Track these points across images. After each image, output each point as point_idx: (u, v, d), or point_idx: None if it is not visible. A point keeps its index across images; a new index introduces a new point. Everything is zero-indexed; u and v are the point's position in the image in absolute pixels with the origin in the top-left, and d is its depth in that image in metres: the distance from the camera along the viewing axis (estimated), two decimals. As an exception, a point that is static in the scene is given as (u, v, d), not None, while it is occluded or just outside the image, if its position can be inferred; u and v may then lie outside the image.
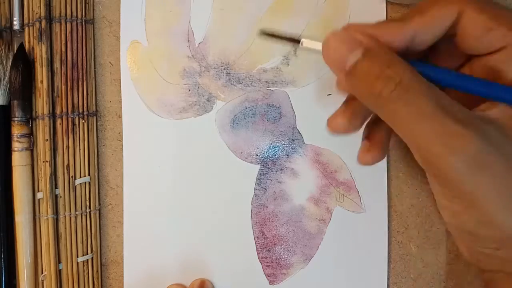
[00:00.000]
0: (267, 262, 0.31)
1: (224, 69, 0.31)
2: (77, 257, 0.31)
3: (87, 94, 0.31)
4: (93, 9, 0.32)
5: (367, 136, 0.24)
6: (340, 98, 0.30)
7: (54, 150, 0.31)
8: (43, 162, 0.30)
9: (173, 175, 0.31)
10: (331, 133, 0.23)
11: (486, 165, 0.17)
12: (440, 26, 0.20)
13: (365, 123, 0.24)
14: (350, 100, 0.23)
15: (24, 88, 0.30)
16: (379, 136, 0.23)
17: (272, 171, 0.31)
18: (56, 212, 0.31)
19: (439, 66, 0.21)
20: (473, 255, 0.21)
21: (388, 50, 0.19)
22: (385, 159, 0.30)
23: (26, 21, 0.31)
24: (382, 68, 0.18)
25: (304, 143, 0.30)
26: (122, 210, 0.32)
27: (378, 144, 0.23)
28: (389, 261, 0.30)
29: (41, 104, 0.30)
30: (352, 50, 0.19)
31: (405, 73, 0.18)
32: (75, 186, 0.31)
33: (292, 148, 0.31)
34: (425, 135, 0.18)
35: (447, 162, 0.17)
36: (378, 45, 0.19)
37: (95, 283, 0.31)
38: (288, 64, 0.31)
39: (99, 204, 0.32)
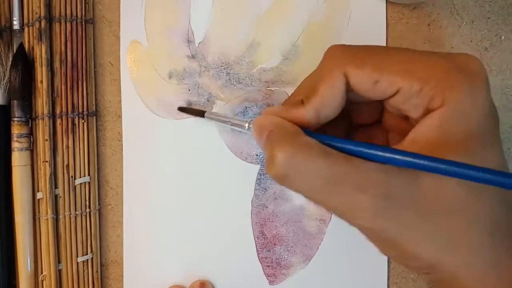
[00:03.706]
0: (267, 262, 0.31)
1: (224, 69, 0.31)
2: (77, 257, 0.31)
3: (87, 94, 0.31)
4: (93, 9, 0.32)
5: None
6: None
7: (54, 150, 0.31)
8: (43, 162, 0.30)
9: (173, 175, 0.31)
10: None
11: (390, 217, 0.18)
12: (336, 97, 0.20)
13: None
14: None
15: (23, 88, 0.30)
16: None
17: (272, 171, 0.31)
18: (56, 212, 0.31)
19: (333, 136, 0.20)
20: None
21: (285, 130, 0.20)
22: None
23: (26, 21, 0.31)
24: (278, 147, 0.19)
25: (304, 143, 0.30)
26: (122, 210, 0.32)
27: None
28: (389, 261, 0.30)
29: (41, 104, 0.30)
30: (262, 134, 0.21)
31: (298, 145, 0.19)
32: (75, 186, 0.31)
33: (292, 148, 0.31)
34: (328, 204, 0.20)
35: (356, 224, 0.20)
36: (279, 127, 0.20)
37: (95, 283, 0.31)
38: (288, 64, 0.31)
39: (99, 204, 0.32)
